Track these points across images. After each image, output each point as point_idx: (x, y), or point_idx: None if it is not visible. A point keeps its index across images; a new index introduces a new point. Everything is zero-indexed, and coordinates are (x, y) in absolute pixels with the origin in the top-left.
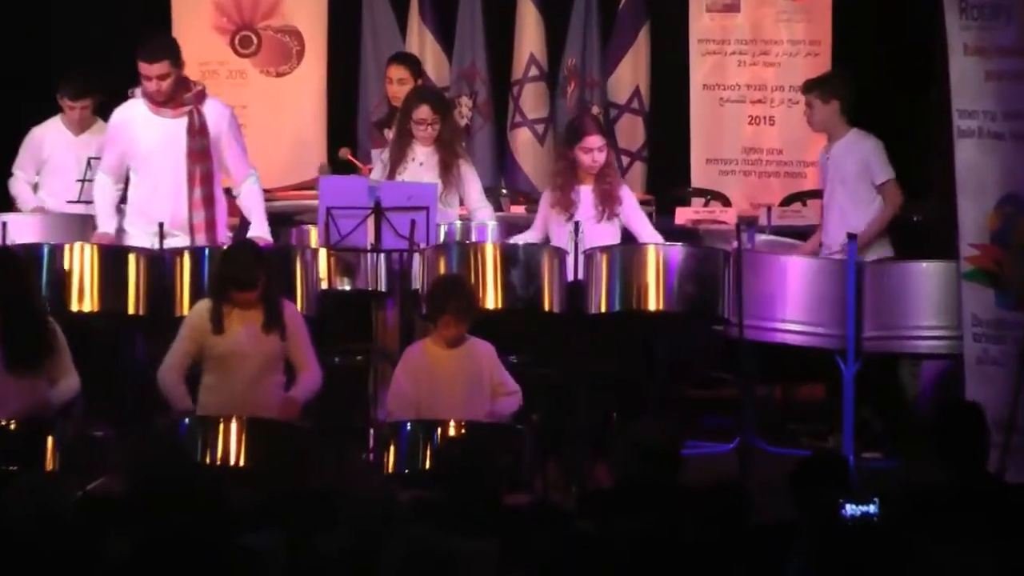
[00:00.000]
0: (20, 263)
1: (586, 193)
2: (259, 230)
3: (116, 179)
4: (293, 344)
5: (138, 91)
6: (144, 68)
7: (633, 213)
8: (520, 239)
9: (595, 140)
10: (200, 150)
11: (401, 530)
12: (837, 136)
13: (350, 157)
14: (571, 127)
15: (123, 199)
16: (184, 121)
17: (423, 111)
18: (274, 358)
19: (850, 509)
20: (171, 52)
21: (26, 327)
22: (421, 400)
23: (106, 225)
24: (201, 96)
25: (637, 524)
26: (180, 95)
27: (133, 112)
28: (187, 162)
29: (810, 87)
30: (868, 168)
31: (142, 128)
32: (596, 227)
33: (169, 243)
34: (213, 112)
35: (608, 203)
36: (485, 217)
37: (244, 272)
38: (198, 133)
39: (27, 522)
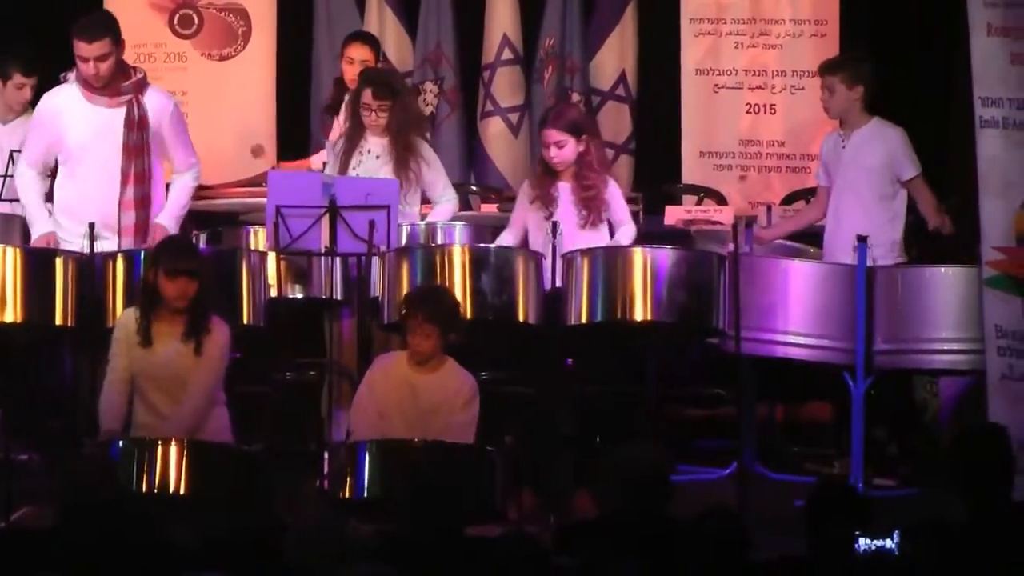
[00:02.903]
0: None
1: (564, 190)
2: (164, 218)
3: (42, 172)
4: (199, 365)
5: (72, 75)
6: (81, 48)
7: (617, 207)
8: (499, 240)
9: (550, 134)
10: (137, 145)
11: (356, 567)
12: (855, 124)
13: (264, 156)
14: (540, 118)
15: (48, 197)
16: (122, 112)
17: (366, 95)
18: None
19: (865, 543)
20: (111, 30)
21: None
22: (390, 423)
23: (44, 223)
24: (142, 85)
25: (622, 560)
26: (118, 81)
27: (65, 98)
28: (122, 157)
29: (833, 68)
30: (893, 162)
31: (74, 116)
32: (579, 234)
33: (98, 246)
34: (154, 103)
35: (590, 207)
36: (442, 214)
37: (185, 259)
38: (137, 126)
39: None
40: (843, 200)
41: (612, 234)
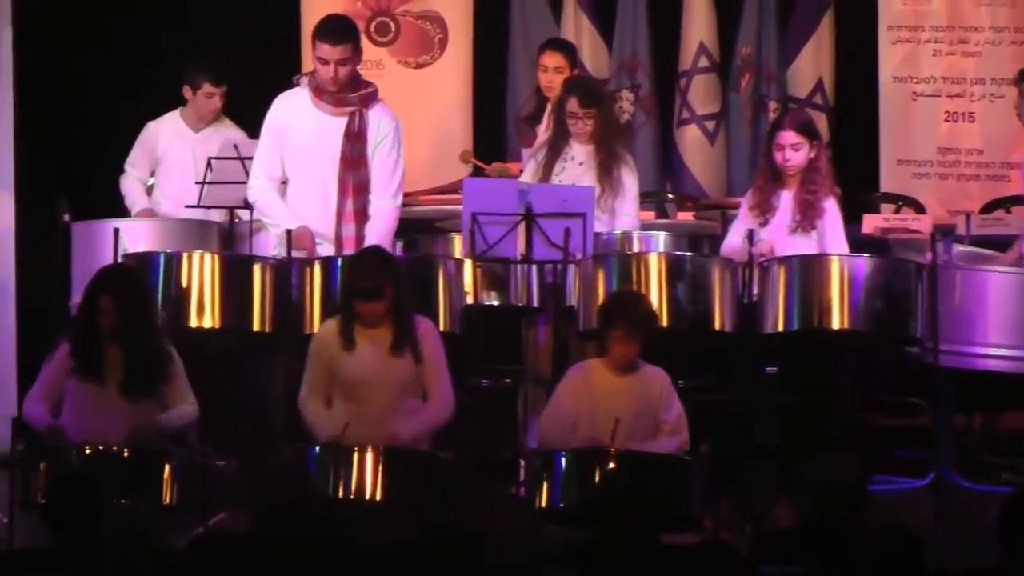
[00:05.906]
0: (138, 284)
1: (787, 199)
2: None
3: (272, 178)
4: (425, 368)
5: (304, 79)
6: (323, 50)
7: (830, 227)
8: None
9: (787, 136)
10: (354, 157)
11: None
12: None
13: (473, 160)
14: (772, 121)
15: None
16: (343, 121)
17: (571, 103)
18: (408, 383)
19: None
20: (354, 35)
21: (140, 351)
22: (581, 427)
23: (293, 220)
24: (369, 99)
25: (816, 569)
26: (347, 90)
27: (293, 101)
28: (339, 168)
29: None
30: None
31: (299, 119)
32: (787, 239)
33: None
34: (378, 119)
35: (806, 213)
36: (623, 227)
37: (368, 279)
38: (355, 138)
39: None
40: None
41: None
